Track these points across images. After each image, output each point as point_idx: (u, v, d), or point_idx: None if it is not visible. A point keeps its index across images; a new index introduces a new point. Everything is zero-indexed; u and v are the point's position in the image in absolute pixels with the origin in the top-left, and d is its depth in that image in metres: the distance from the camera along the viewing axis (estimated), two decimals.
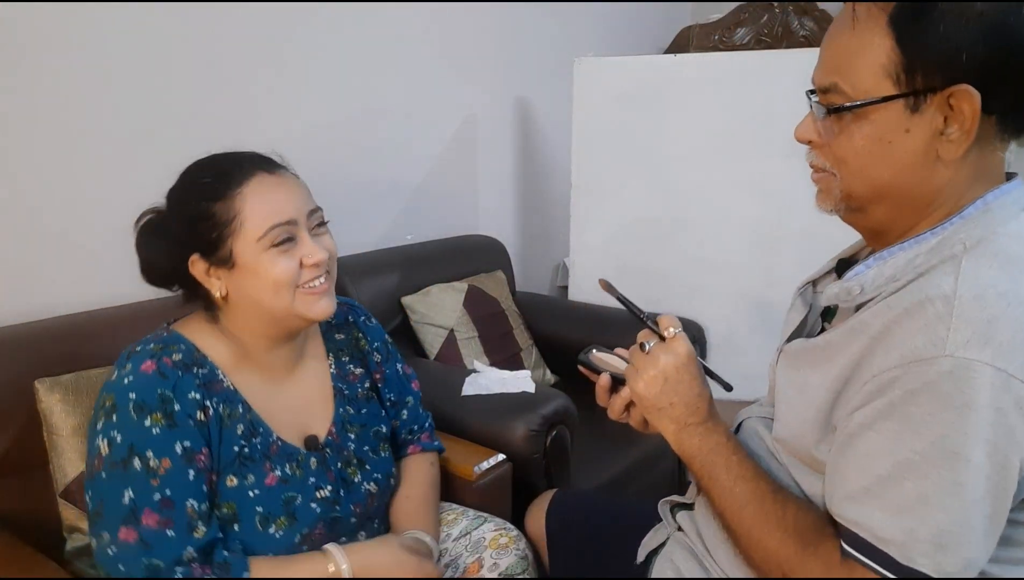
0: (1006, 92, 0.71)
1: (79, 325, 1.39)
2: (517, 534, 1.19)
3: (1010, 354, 0.65)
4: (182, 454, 0.94)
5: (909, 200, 0.77)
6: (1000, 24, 0.69)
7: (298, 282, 1.00)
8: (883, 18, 0.73)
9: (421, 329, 2.04)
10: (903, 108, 0.73)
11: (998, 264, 0.70)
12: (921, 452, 0.67)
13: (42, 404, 1.22)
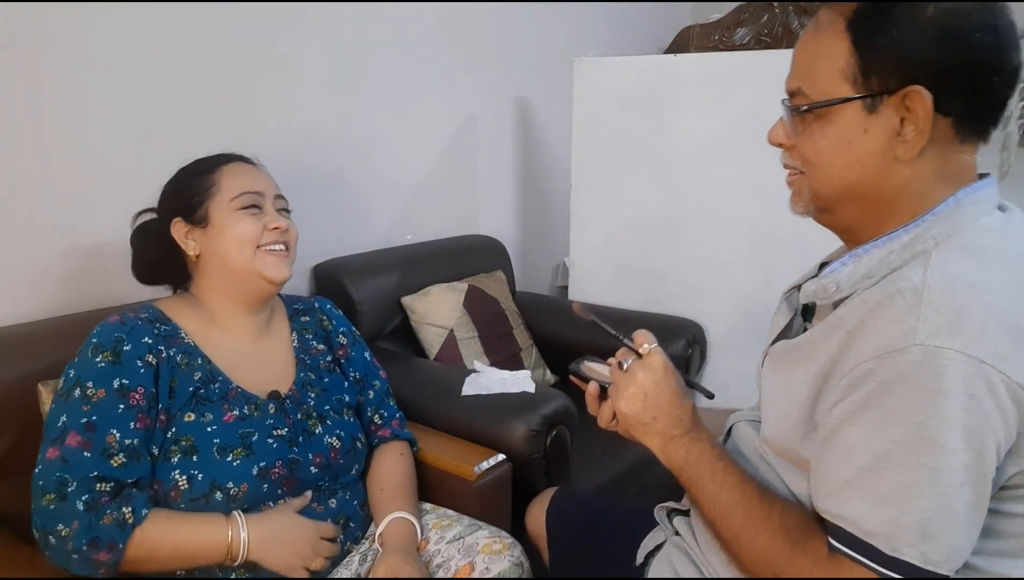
0: (959, 93, 0.73)
1: (80, 325, 1.39)
2: (512, 542, 1.19)
3: (980, 341, 0.66)
4: (117, 388, 1.04)
5: (873, 199, 0.80)
6: (950, 27, 0.72)
7: (260, 241, 1.17)
8: (841, 23, 0.76)
9: (421, 329, 2.04)
10: (861, 109, 0.76)
11: (967, 256, 0.72)
12: (899, 441, 0.68)
13: (44, 406, 1.21)
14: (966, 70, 0.73)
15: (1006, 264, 0.72)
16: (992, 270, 0.71)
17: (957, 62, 0.72)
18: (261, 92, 1.82)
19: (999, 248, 0.73)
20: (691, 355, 2.12)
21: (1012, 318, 0.68)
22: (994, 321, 0.67)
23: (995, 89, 0.75)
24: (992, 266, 0.71)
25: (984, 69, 0.73)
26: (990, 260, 0.72)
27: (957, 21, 0.72)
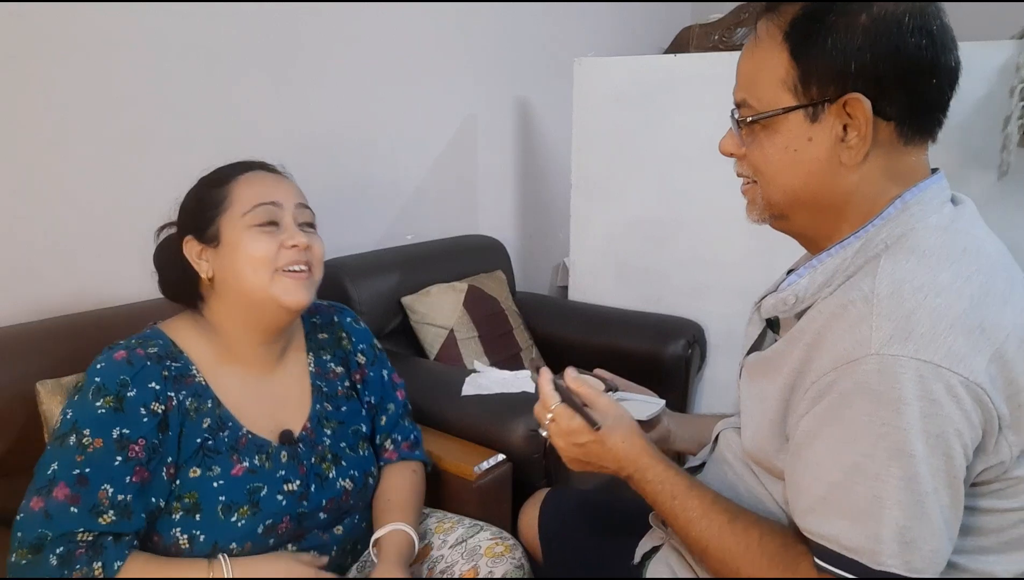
0: (897, 98, 0.75)
1: (81, 326, 1.39)
2: (514, 543, 1.19)
3: (932, 344, 0.66)
4: (116, 439, 0.95)
5: (824, 204, 0.80)
6: (883, 34, 0.73)
7: (276, 263, 1.04)
8: (779, 34, 0.78)
9: (421, 329, 2.03)
10: (804, 118, 0.78)
11: (915, 258, 0.72)
12: (866, 454, 0.68)
13: (43, 406, 1.21)
14: (901, 75, 0.74)
15: (954, 262, 0.71)
16: (940, 270, 0.71)
17: (892, 68, 0.73)
18: (260, 94, 1.82)
19: (947, 246, 0.73)
20: (691, 355, 2.12)
21: (963, 317, 0.67)
22: (945, 323, 0.67)
23: (933, 91, 0.76)
24: (940, 266, 0.71)
25: (919, 73, 0.74)
26: (938, 260, 0.72)
27: (890, 27, 0.73)
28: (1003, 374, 0.67)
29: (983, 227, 0.80)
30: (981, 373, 0.66)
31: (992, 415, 0.67)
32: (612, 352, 2.15)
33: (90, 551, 0.92)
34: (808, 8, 0.76)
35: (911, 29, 0.73)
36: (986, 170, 1.73)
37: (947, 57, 0.75)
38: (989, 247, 0.76)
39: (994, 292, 0.70)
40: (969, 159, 1.75)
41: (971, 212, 0.81)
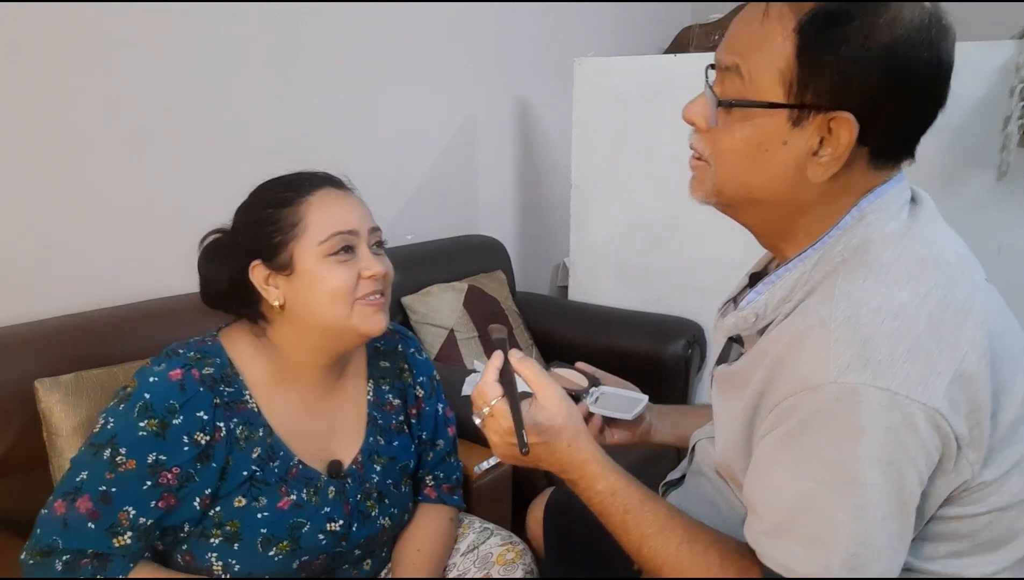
0: (887, 126, 0.71)
1: (79, 325, 1.40)
2: (523, 547, 1.19)
3: (890, 371, 0.65)
4: (151, 463, 0.93)
5: (779, 208, 0.78)
6: (899, 60, 0.68)
7: (356, 294, 1.01)
8: (793, 22, 0.71)
9: (421, 329, 2.03)
10: (786, 119, 0.72)
11: (872, 276, 0.70)
12: (821, 481, 0.67)
13: (42, 404, 1.22)
14: (903, 105, 0.70)
15: (912, 277, 0.69)
16: (898, 288, 0.69)
17: (896, 96, 0.70)
18: (260, 93, 1.82)
19: (904, 258, 0.71)
20: (691, 355, 2.12)
21: (922, 339, 0.66)
22: (903, 347, 0.65)
23: (925, 124, 0.74)
24: (898, 282, 0.69)
25: (921, 105, 0.71)
26: (895, 276, 0.69)
27: (909, 53, 0.68)
28: (963, 393, 0.66)
29: (942, 228, 0.78)
30: (940, 397, 0.65)
31: (950, 438, 0.66)
32: (612, 352, 2.14)
33: (96, 561, 0.92)
34: (829, 7, 0.70)
35: (927, 60, 0.69)
36: (986, 170, 1.72)
37: (946, 90, 0.72)
38: (947, 253, 0.74)
39: (953, 307, 0.68)
40: (969, 159, 1.75)
41: (929, 212, 0.78)
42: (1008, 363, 0.70)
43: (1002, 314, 0.75)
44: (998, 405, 0.69)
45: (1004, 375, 0.69)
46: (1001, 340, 0.70)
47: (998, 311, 0.74)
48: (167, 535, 0.98)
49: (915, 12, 0.69)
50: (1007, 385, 0.69)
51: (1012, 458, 0.70)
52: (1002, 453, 0.69)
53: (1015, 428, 0.70)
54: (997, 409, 0.68)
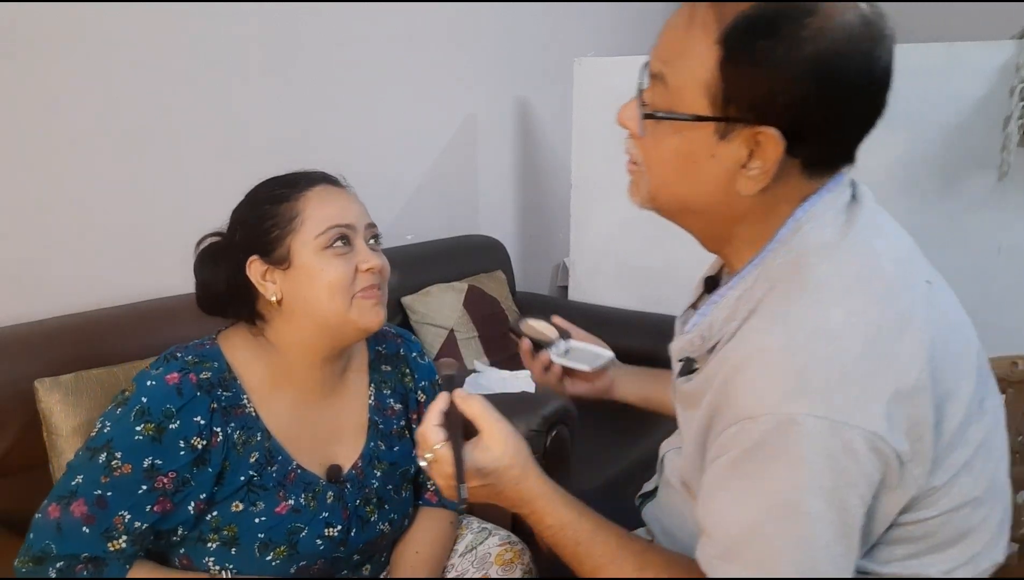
0: (816, 141, 0.69)
1: (79, 325, 1.39)
2: (522, 547, 1.18)
3: (826, 398, 0.64)
4: (147, 468, 0.93)
5: (714, 218, 0.76)
6: (826, 75, 0.65)
7: (353, 288, 1.00)
8: (715, 31, 0.68)
9: (421, 329, 2.04)
10: (713, 132, 0.70)
11: (807, 296, 0.68)
12: (765, 510, 0.67)
13: (42, 404, 1.21)
14: (830, 121, 0.68)
15: (846, 295, 0.68)
16: (832, 308, 0.67)
17: (823, 113, 0.67)
18: (260, 93, 1.82)
19: (839, 274, 0.69)
20: None
21: (858, 362, 0.65)
22: (838, 372, 0.64)
23: (857, 138, 0.71)
24: (832, 302, 0.67)
25: (852, 117, 0.68)
26: (830, 294, 0.68)
27: (838, 64, 0.65)
28: (903, 410, 0.65)
29: (882, 228, 0.75)
30: (878, 419, 0.64)
31: (891, 458, 0.65)
32: (612, 351, 2.14)
33: (91, 565, 0.92)
34: (752, 16, 0.66)
35: (857, 70, 0.66)
36: (986, 170, 1.73)
37: (883, 98, 0.69)
38: (885, 262, 0.71)
39: (889, 323, 0.66)
40: (969, 159, 1.75)
41: (867, 213, 0.74)
42: (952, 370, 0.69)
43: (949, 315, 0.72)
44: (942, 414, 0.67)
45: (948, 383, 0.68)
46: (945, 346, 0.68)
47: (943, 314, 0.72)
48: (160, 538, 0.98)
49: (845, 20, 0.65)
50: (952, 392, 0.68)
51: (960, 460, 0.70)
52: (949, 457, 0.69)
53: (961, 431, 0.69)
54: (941, 418, 0.67)
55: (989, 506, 0.73)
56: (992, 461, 0.72)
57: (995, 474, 0.73)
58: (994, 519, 0.74)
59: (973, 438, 0.70)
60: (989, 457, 0.72)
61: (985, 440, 0.71)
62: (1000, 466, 0.74)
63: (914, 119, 1.80)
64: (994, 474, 0.73)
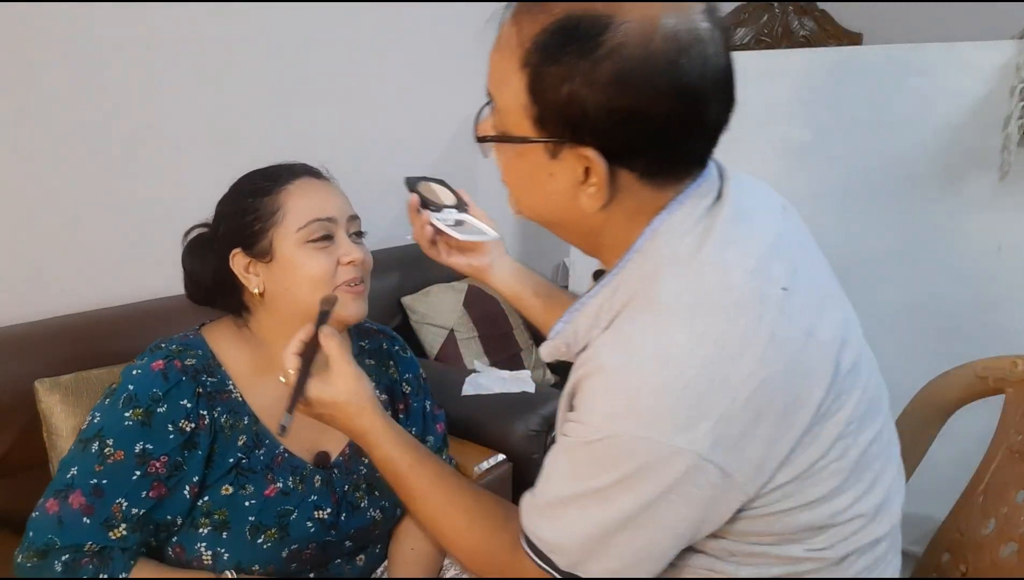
0: (639, 154, 0.68)
1: (79, 325, 1.40)
2: None
3: (653, 421, 0.66)
4: (138, 453, 0.94)
5: (576, 231, 0.77)
6: (627, 93, 0.64)
7: (335, 281, 1.02)
8: (519, 55, 0.68)
9: (421, 329, 2.04)
10: (543, 152, 0.70)
11: (652, 318, 0.69)
12: (580, 494, 0.70)
13: (42, 404, 1.21)
14: (647, 132, 0.66)
15: (691, 316, 0.68)
16: (675, 331, 0.68)
17: (633, 129, 0.66)
18: (260, 93, 1.82)
19: (686, 293, 0.69)
20: None
21: (691, 384, 0.66)
22: (671, 396, 0.66)
23: (685, 147, 0.70)
24: (676, 324, 0.68)
25: (670, 128, 0.67)
26: (675, 316, 0.68)
27: (635, 86, 0.64)
28: (733, 428, 0.66)
29: (738, 233, 0.73)
30: (702, 440, 0.65)
31: (714, 475, 0.67)
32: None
33: (96, 560, 0.92)
34: (548, 39, 0.65)
35: (668, 85, 0.64)
36: (986, 170, 1.73)
37: (709, 110, 0.67)
38: (735, 275, 0.70)
39: (730, 343, 0.67)
40: (969, 159, 1.75)
41: (725, 218, 0.73)
42: (800, 378, 0.69)
43: (803, 321, 0.71)
44: (787, 424, 0.68)
45: (793, 392, 0.68)
46: (795, 357, 0.68)
47: (796, 321, 0.70)
48: (161, 531, 0.98)
49: (643, 33, 0.64)
50: (799, 399, 0.69)
51: (808, 459, 0.70)
52: (799, 458, 0.70)
53: (811, 432, 0.70)
54: (783, 427, 0.68)
55: (853, 494, 0.73)
56: (857, 447, 0.73)
57: (863, 460, 0.73)
58: (870, 503, 0.75)
59: (827, 434, 0.70)
60: (854, 444, 0.72)
61: (843, 433, 0.71)
62: (873, 448, 0.75)
63: (914, 119, 1.80)
64: (860, 460, 0.73)
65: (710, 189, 0.74)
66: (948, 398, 1.14)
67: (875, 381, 0.78)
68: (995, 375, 1.11)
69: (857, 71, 1.87)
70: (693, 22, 0.65)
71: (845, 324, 0.75)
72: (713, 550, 0.74)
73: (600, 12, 0.64)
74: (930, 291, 1.84)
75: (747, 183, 0.81)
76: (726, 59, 0.68)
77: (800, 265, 0.74)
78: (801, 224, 0.85)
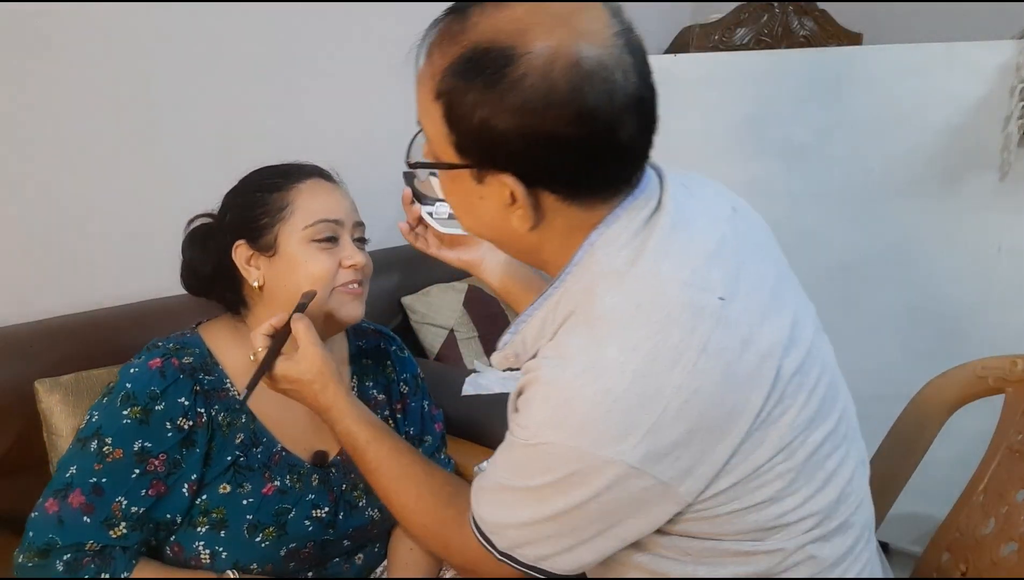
0: (558, 181, 0.70)
1: (80, 325, 1.40)
2: None
3: (583, 432, 0.68)
4: (137, 451, 0.95)
5: (518, 250, 0.80)
6: (534, 121, 0.66)
7: (335, 282, 1.03)
8: (432, 87, 0.72)
9: (421, 329, 2.04)
10: (470, 178, 0.73)
11: (587, 331, 0.71)
12: (514, 491, 0.74)
13: (42, 405, 1.21)
14: (559, 159, 0.68)
15: (624, 329, 0.69)
16: (607, 345, 0.69)
17: (545, 154, 0.67)
18: (259, 93, 1.82)
19: (621, 306, 0.70)
20: None
21: (621, 397, 0.67)
22: (601, 409, 0.67)
23: (602, 170, 0.70)
24: (609, 338, 0.69)
25: (582, 153, 0.68)
26: (609, 330, 0.70)
27: (541, 113, 0.65)
28: (663, 439, 0.67)
29: (675, 243, 0.73)
30: (632, 451, 0.67)
31: (647, 485, 0.68)
32: None
33: (97, 559, 0.92)
34: (456, 71, 0.69)
35: (571, 115, 0.65)
36: (986, 170, 1.73)
37: (619, 133, 0.68)
38: (670, 288, 0.70)
39: (662, 356, 0.68)
40: (969, 159, 1.75)
41: (662, 230, 0.73)
42: (737, 387, 0.69)
43: (740, 329, 0.71)
44: (723, 432, 0.69)
45: (730, 401, 0.69)
46: (731, 366, 0.69)
47: (733, 330, 0.70)
48: (160, 530, 0.98)
49: (545, 66, 0.65)
50: (737, 407, 0.69)
51: (753, 464, 0.71)
52: (741, 464, 0.71)
53: (756, 442, 0.70)
54: (718, 435, 0.69)
55: (803, 495, 0.74)
56: (806, 448, 0.73)
57: (814, 460, 0.74)
58: (823, 501, 0.75)
59: (772, 439, 0.71)
60: (803, 446, 0.73)
61: (790, 437, 0.72)
62: (825, 447, 0.75)
63: (914, 119, 1.80)
64: (810, 461, 0.74)
65: (649, 200, 0.75)
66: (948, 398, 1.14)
67: (828, 378, 0.78)
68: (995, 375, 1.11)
69: (857, 71, 1.87)
70: (598, 49, 0.66)
71: (792, 326, 0.75)
72: (667, 551, 0.76)
73: (504, 43, 0.66)
74: (930, 291, 1.84)
75: (694, 187, 0.82)
76: (639, 82, 0.70)
77: (744, 270, 0.75)
78: (754, 225, 0.85)
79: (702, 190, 0.83)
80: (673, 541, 0.75)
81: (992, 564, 1.02)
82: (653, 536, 0.75)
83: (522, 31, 0.66)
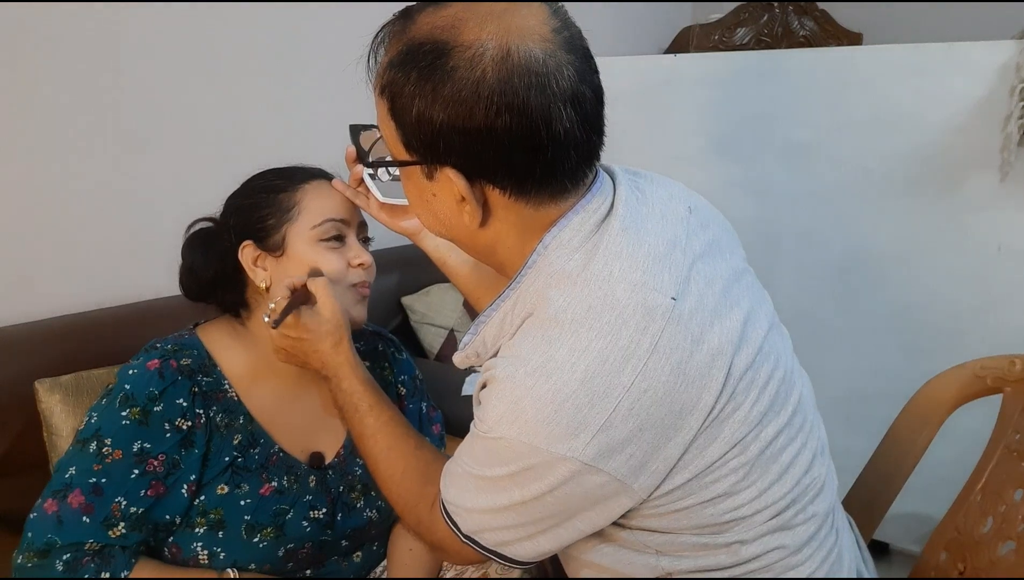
0: (498, 172, 0.70)
1: (79, 325, 1.40)
2: None
3: (535, 429, 0.69)
4: (136, 452, 0.95)
5: (473, 249, 0.81)
6: (465, 113, 0.67)
7: (346, 282, 1.03)
8: (378, 84, 0.74)
9: (421, 329, 2.04)
10: (421, 174, 0.74)
11: (540, 334, 0.72)
12: (474, 483, 0.76)
13: (42, 405, 1.22)
14: (496, 154, 0.69)
15: (575, 330, 0.70)
16: (558, 346, 0.70)
17: (481, 147, 0.68)
18: (262, 94, 1.82)
19: (571, 308, 0.71)
20: None
21: (571, 397, 0.68)
22: (550, 408, 0.68)
23: (543, 163, 0.70)
24: (560, 339, 0.70)
25: (520, 149, 0.69)
26: (560, 331, 0.70)
27: (472, 106, 0.66)
28: (611, 440, 0.69)
29: (627, 243, 0.74)
30: (582, 448, 0.68)
31: (601, 481, 0.70)
32: None
33: (97, 559, 0.92)
34: (395, 66, 0.71)
35: (496, 106, 0.66)
36: (986, 170, 1.73)
37: (553, 127, 0.68)
38: (620, 289, 0.71)
39: (612, 357, 0.69)
40: (969, 159, 1.75)
41: (613, 232, 0.74)
42: (689, 385, 0.70)
43: (692, 329, 0.72)
44: (675, 429, 0.70)
45: (683, 399, 0.70)
46: (681, 366, 0.70)
47: (685, 329, 0.71)
48: (160, 531, 0.99)
49: (475, 60, 0.66)
50: (688, 405, 0.70)
51: (707, 459, 0.72)
52: (694, 461, 0.72)
53: (709, 438, 0.72)
54: (674, 434, 0.70)
55: (757, 489, 0.75)
56: (759, 443, 0.75)
57: (767, 453, 0.75)
58: (777, 493, 0.77)
59: (725, 435, 0.72)
60: (755, 440, 0.74)
61: (742, 432, 0.73)
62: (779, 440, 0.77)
63: (914, 119, 1.80)
64: (764, 454, 0.75)
65: (602, 203, 0.76)
66: (946, 397, 1.14)
67: (781, 373, 0.79)
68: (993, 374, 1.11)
69: (857, 71, 1.87)
70: (531, 44, 0.67)
71: (744, 324, 0.76)
72: (629, 543, 0.78)
73: (438, 38, 0.68)
74: (930, 291, 1.84)
75: (648, 189, 0.83)
76: (575, 78, 0.71)
77: (695, 270, 0.76)
78: (710, 224, 0.86)
79: (656, 192, 0.84)
80: (634, 535, 0.77)
81: (990, 563, 1.02)
82: (615, 529, 0.77)
83: (456, 26, 0.68)
